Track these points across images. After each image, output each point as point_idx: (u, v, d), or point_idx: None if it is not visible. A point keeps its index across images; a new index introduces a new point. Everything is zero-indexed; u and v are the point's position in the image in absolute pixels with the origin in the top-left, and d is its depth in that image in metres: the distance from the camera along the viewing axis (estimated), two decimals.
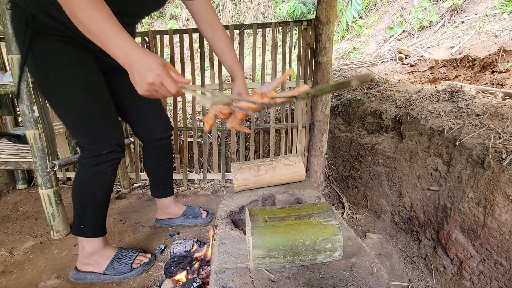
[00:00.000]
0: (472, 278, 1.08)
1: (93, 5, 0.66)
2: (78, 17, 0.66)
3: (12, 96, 2.23)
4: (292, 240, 0.65)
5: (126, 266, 1.21)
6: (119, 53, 0.67)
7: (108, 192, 1.18)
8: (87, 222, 1.14)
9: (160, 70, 0.67)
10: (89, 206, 1.14)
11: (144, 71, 0.66)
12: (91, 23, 0.66)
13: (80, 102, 1.02)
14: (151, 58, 0.67)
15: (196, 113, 2.18)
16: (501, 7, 3.00)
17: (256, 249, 0.64)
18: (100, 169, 1.10)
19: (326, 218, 0.70)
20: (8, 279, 1.23)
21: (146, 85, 0.67)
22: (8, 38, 1.27)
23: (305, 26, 1.94)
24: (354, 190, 1.95)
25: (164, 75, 0.67)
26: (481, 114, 1.26)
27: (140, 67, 0.66)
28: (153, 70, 0.66)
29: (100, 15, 0.66)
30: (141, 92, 0.69)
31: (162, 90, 0.69)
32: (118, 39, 0.66)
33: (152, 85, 0.67)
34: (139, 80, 0.67)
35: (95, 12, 0.65)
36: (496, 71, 2.40)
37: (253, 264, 0.66)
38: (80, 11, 0.65)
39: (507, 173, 0.97)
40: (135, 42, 0.69)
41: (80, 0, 0.65)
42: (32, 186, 2.31)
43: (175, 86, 0.69)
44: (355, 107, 2.08)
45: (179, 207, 1.63)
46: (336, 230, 0.68)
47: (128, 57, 0.67)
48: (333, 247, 0.67)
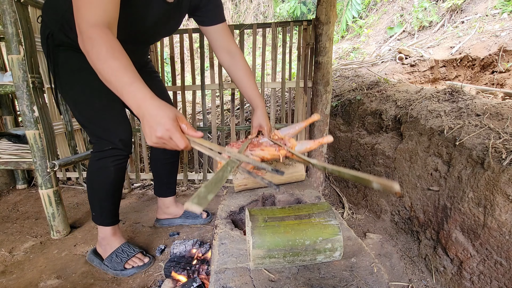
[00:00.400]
0: (472, 278, 1.08)
1: (111, 55, 0.69)
2: (97, 68, 0.70)
3: (12, 96, 2.23)
4: (292, 240, 0.65)
5: (120, 263, 1.24)
6: (133, 104, 0.69)
7: (113, 187, 1.23)
8: (96, 211, 1.25)
9: (170, 125, 0.67)
10: (96, 197, 1.24)
11: (154, 124, 0.66)
12: (108, 74, 0.69)
13: (87, 102, 1.12)
14: (163, 112, 0.67)
15: (196, 113, 2.18)
16: (501, 7, 3.00)
17: (256, 249, 0.64)
18: (103, 164, 1.17)
19: (326, 218, 0.70)
20: (8, 279, 1.23)
21: (155, 138, 0.68)
22: (8, 38, 1.27)
23: (305, 26, 1.94)
24: (354, 190, 1.95)
25: (174, 130, 0.67)
26: (481, 114, 1.26)
27: (151, 120, 0.67)
28: (163, 124, 0.66)
29: (117, 66, 0.69)
30: (150, 143, 0.70)
31: (171, 143, 0.69)
32: (132, 90, 0.68)
33: (161, 139, 0.68)
34: (149, 132, 0.68)
35: (112, 63, 0.68)
36: (496, 71, 2.40)
37: (253, 264, 0.66)
38: (99, 62, 0.69)
39: (507, 173, 0.97)
40: (149, 93, 0.69)
41: (99, 51, 0.69)
42: (32, 186, 2.31)
43: (184, 141, 0.69)
44: (355, 107, 2.08)
45: (179, 207, 1.63)
46: (336, 230, 0.68)
47: (140, 108, 0.68)
48: (333, 247, 0.67)
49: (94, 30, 0.70)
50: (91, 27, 0.71)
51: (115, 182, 1.22)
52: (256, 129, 1.14)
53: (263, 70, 2.07)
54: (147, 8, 0.98)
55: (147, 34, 1.11)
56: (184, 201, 1.99)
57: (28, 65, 1.32)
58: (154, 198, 2.05)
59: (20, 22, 1.28)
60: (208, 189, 0.49)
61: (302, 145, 1.03)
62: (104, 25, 0.72)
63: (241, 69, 1.16)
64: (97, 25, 0.71)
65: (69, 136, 1.77)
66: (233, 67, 1.16)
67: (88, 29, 0.71)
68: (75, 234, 1.57)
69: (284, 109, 2.15)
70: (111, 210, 1.27)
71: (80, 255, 1.39)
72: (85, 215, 1.80)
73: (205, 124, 2.21)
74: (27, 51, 1.31)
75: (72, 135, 1.80)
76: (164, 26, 1.11)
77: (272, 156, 0.95)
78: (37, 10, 1.44)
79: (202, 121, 2.61)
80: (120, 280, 1.21)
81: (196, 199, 0.45)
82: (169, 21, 1.10)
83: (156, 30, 1.11)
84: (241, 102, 2.19)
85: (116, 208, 1.30)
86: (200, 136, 0.72)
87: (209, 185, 0.50)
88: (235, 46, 1.17)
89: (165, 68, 4.11)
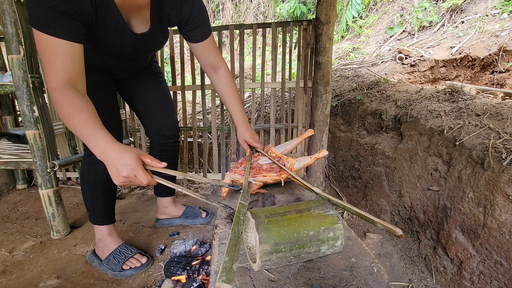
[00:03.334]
0: (472, 278, 1.08)
1: (73, 113, 0.78)
2: (66, 124, 0.80)
3: (12, 96, 2.23)
4: (297, 232, 0.66)
5: (117, 264, 1.24)
6: (97, 151, 0.78)
7: (103, 184, 1.24)
8: (89, 210, 1.27)
9: (134, 164, 0.75)
10: (87, 195, 1.26)
11: (119, 166, 0.75)
12: (73, 129, 0.79)
13: None
14: (126, 154, 0.76)
15: (196, 113, 2.18)
16: (501, 7, 3.00)
17: (263, 244, 0.63)
18: (92, 160, 1.19)
19: (324, 209, 0.72)
20: (8, 279, 1.23)
21: (121, 178, 0.76)
22: (8, 38, 1.27)
23: (305, 26, 1.94)
24: (354, 190, 1.95)
25: (137, 169, 0.76)
26: (481, 114, 1.26)
27: (116, 163, 0.75)
28: (127, 165, 0.75)
29: (79, 121, 0.78)
30: (117, 183, 0.78)
31: (136, 181, 0.77)
32: (94, 140, 0.77)
33: (127, 178, 0.76)
34: (116, 173, 0.76)
35: (75, 120, 0.78)
36: (496, 71, 2.40)
37: (260, 261, 0.65)
38: (65, 120, 0.79)
39: (507, 173, 0.97)
40: (111, 139, 0.78)
41: (63, 111, 0.78)
42: (32, 186, 2.31)
43: (147, 178, 0.77)
44: (355, 107, 2.08)
45: (178, 207, 1.63)
46: (335, 219, 0.69)
47: (104, 154, 0.77)
48: (335, 236, 0.69)
49: (56, 93, 0.79)
50: (54, 90, 0.79)
51: (105, 179, 1.22)
52: (246, 145, 1.16)
53: (263, 70, 2.07)
54: (122, 40, 1.01)
55: (133, 55, 1.16)
56: (184, 201, 1.99)
57: (28, 65, 1.31)
58: (154, 198, 2.05)
59: (20, 22, 1.28)
60: (231, 257, 0.49)
61: (300, 162, 1.05)
62: (64, 85, 0.80)
63: (226, 85, 1.18)
64: (58, 88, 0.79)
65: (69, 136, 1.77)
66: (218, 83, 1.19)
67: (52, 93, 0.80)
68: (75, 234, 1.57)
69: (284, 109, 2.15)
70: (104, 209, 1.27)
71: (80, 255, 1.39)
72: (85, 215, 1.80)
73: (205, 124, 2.21)
74: (27, 51, 1.31)
75: (72, 135, 1.80)
76: (146, 50, 1.16)
77: (274, 181, 1.02)
78: None
79: (202, 121, 2.61)
80: (120, 280, 1.21)
81: (224, 275, 0.45)
82: (150, 45, 1.12)
83: (140, 53, 1.16)
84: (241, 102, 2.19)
85: (110, 208, 1.30)
86: (163, 166, 0.81)
87: (230, 250, 0.51)
88: (220, 61, 1.18)
89: (165, 68, 4.11)
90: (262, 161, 1.08)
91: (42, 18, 0.76)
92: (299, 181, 0.88)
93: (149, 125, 1.41)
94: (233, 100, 1.18)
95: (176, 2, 1.03)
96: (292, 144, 1.19)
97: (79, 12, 0.81)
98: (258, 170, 1.04)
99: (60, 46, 0.79)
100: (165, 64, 3.47)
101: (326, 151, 1.06)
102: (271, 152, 1.10)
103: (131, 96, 1.38)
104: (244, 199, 0.74)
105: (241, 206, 0.69)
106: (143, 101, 1.37)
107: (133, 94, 1.36)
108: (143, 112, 1.40)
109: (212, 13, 6.38)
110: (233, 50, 2.04)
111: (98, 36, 0.94)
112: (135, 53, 1.13)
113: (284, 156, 1.07)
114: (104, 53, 1.07)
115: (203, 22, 1.09)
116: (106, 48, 1.04)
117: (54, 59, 0.79)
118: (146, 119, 1.41)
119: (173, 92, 2.16)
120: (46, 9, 0.76)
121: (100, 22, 0.90)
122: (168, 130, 1.41)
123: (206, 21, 1.11)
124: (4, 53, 2.11)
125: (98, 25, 0.90)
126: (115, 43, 1.01)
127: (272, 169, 1.04)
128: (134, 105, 1.41)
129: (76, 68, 0.83)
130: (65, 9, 0.77)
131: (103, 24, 0.91)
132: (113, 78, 1.27)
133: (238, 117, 1.18)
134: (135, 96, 1.37)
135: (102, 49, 1.04)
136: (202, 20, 1.09)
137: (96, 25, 0.90)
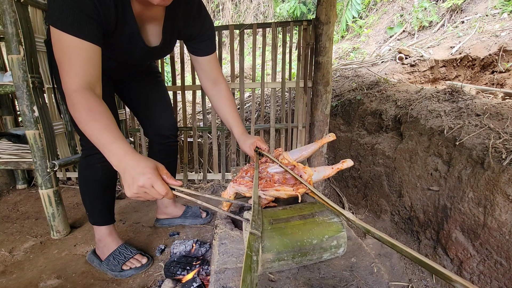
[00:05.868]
0: (472, 278, 1.08)
1: (92, 118, 0.74)
2: (82, 129, 0.76)
3: (12, 96, 2.23)
4: (301, 241, 0.65)
5: (117, 265, 1.24)
6: (114, 160, 0.73)
7: (102, 185, 1.23)
8: (88, 210, 1.27)
9: (151, 174, 0.69)
10: (86, 195, 1.25)
11: (136, 175, 0.69)
12: (91, 135, 0.75)
13: None
14: (144, 163, 0.71)
15: (196, 113, 2.18)
16: (501, 7, 3.00)
17: (265, 253, 0.62)
18: (89, 161, 1.19)
19: (329, 216, 0.71)
20: (8, 279, 1.23)
21: (135, 188, 0.69)
22: (8, 38, 1.27)
23: (305, 26, 1.94)
24: (354, 190, 1.95)
25: (155, 178, 0.69)
26: (481, 114, 1.26)
27: (132, 172, 0.70)
28: (145, 174, 0.69)
29: (98, 127, 0.74)
30: (130, 194, 0.71)
31: (152, 192, 0.71)
32: (112, 148, 0.73)
33: (143, 188, 0.69)
34: (131, 183, 0.70)
35: (93, 125, 0.74)
36: (496, 71, 2.40)
37: (262, 269, 0.64)
38: (82, 125, 0.75)
39: (507, 173, 0.97)
40: (130, 149, 0.74)
41: (81, 115, 0.75)
42: (32, 186, 2.31)
43: (165, 188, 0.71)
44: (355, 107, 2.08)
45: (178, 207, 1.63)
46: (339, 227, 0.69)
47: (121, 163, 0.72)
48: (338, 244, 0.68)
49: (75, 96, 0.76)
50: (73, 93, 0.76)
51: (103, 180, 1.22)
52: (252, 152, 1.06)
53: (263, 70, 2.07)
54: (133, 50, 1.02)
55: (138, 62, 1.18)
56: (184, 201, 1.99)
57: (28, 65, 1.31)
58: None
59: (20, 22, 1.28)
60: None
61: (319, 173, 0.86)
62: (84, 88, 0.77)
63: (225, 98, 1.18)
64: (77, 90, 0.76)
65: (69, 136, 1.77)
66: (218, 98, 1.19)
67: (70, 95, 0.76)
68: (75, 234, 1.57)
69: (284, 109, 2.15)
70: (103, 209, 1.27)
71: (80, 255, 1.39)
72: (85, 215, 1.80)
73: (205, 124, 2.21)
74: (27, 51, 1.31)
75: (72, 135, 1.80)
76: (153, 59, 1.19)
77: (289, 196, 0.81)
78: (37, 10, 1.43)
79: (202, 121, 2.61)
80: (120, 280, 1.21)
81: None
82: (157, 56, 1.14)
83: (146, 61, 1.21)
84: (241, 102, 2.19)
85: (109, 208, 1.30)
86: (179, 184, 0.75)
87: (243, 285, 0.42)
88: (221, 77, 1.19)
89: (165, 68, 4.11)
90: (272, 169, 0.89)
91: (65, 18, 0.74)
92: (324, 200, 0.66)
93: (147, 125, 1.41)
94: (234, 115, 1.17)
95: (189, 17, 1.04)
96: (309, 150, 0.99)
97: (102, 16, 0.81)
98: (268, 182, 0.83)
99: (82, 47, 0.77)
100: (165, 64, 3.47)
101: (351, 161, 0.85)
102: (282, 158, 0.90)
103: (129, 96, 1.38)
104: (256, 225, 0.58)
105: (252, 238, 0.53)
106: (141, 101, 1.37)
107: (131, 94, 1.37)
108: (141, 112, 1.39)
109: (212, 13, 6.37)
110: (233, 50, 2.04)
111: (112, 43, 0.94)
112: (141, 61, 1.15)
113: (300, 165, 0.87)
114: (109, 57, 1.07)
115: (211, 38, 1.13)
116: (114, 54, 1.04)
117: (75, 60, 0.77)
118: (145, 119, 1.41)
119: (173, 92, 2.16)
120: (71, 8, 0.74)
121: (118, 30, 0.90)
122: (166, 130, 1.41)
123: (213, 37, 1.14)
124: (4, 53, 2.11)
125: (116, 32, 0.90)
126: (126, 51, 1.02)
127: (285, 181, 0.84)
128: (132, 105, 1.41)
129: (95, 72, 0.81)
130: (90, 11, 0.77)
131: (120, 32, 0.91)
132: (111, 79, 1.27)
133: (239, 129, 1.15)
134: (133, 96, 1.37)
135: (110, 54, 1.03)
136: (210, 36, 1.12)
137: (114, 32, 0.89)
